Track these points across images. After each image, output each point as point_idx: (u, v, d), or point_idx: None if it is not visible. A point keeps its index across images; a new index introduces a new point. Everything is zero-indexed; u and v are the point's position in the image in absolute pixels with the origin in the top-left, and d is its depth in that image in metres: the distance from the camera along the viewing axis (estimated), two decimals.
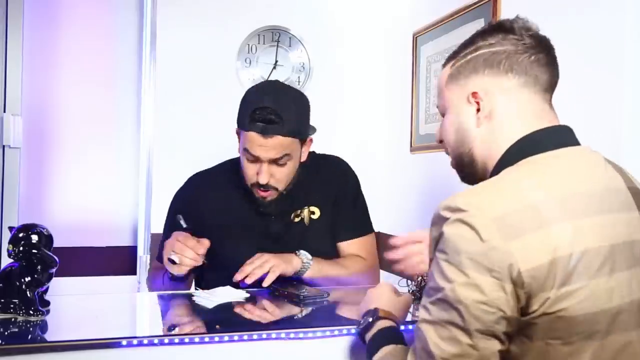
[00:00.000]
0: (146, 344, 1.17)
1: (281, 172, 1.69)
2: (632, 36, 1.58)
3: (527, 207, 0.89)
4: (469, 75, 1.06)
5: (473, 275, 0.86)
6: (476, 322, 0.87)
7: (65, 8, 2.74)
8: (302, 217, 1.81)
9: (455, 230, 0.89)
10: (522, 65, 1.03)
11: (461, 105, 1.08)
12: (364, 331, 1.16)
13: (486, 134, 1.05)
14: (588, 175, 0.98)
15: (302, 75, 2.98)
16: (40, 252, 1.30)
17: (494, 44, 1.05)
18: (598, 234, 0.91)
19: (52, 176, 2.71)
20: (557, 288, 0.86)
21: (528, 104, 1.04)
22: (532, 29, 1.07)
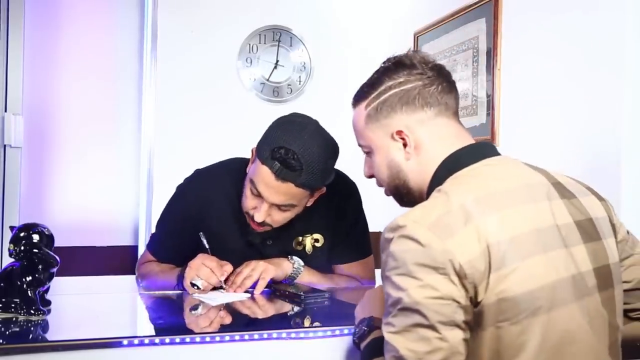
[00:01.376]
0: (147, 343, 1.17)
1: (280, 215, 1.61)
2: (633, 36, 1.58)
3: (454, 209, 0.98)
4: (388, 115, 1.14)
5: (423, 276, 0.94)
6: (437, 315, 0.93)
7: (66, 8, 2.74)
8: (304, 244, 1.74)
9: (399, 246, 0.97)
10: (433, 97, 1.13)
11: (387, 143, 1.16)
12: (359, 339, 1.16)
13: (416, 164, 1.14)
14: (508, 175, 1.07)
15: (303, 75, 2.98)
16: (41, 252, 1.30)
17: (402, 82, 1.14)
18: (523, 221, 0.99)
19: (53, 176, 2.71)
20: (494, 272, 0.94)
21: (446, 129, 1.14)
22: (430, 61, 1.16)
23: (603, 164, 1.61)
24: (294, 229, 1.71)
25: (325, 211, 1.74)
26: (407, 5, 2.89)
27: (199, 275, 1.55)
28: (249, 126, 2.85)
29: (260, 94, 2.91)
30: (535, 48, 1.94)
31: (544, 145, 1.85)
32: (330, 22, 3.03)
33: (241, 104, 2.87)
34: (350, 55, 3.05)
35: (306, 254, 1.75)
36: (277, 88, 2.94)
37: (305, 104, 2.98)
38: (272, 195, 1.55)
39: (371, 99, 1.18)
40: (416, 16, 2.75)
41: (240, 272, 1.60)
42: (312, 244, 1.76)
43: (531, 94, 1.95)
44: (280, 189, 1.54)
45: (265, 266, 1.61)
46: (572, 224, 1.04)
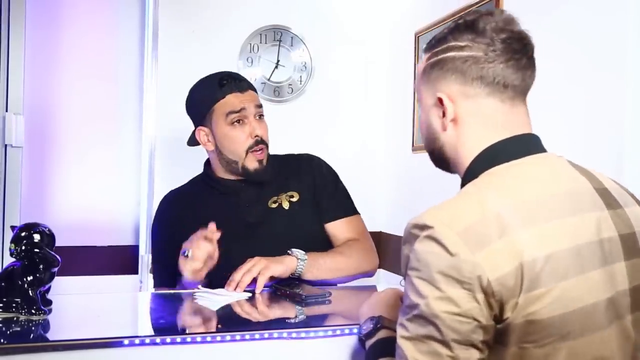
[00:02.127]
0: (148, 343, 1.17)
1: (264, 125, 1.79)
2: (634, 36, 1.58)
3: (489, 217, 0.90)
4: (437, 78, 1.05)
5: (445, 288, 0.88)
6: (453, 333, 0.88)
7: (67, 7, 2.74)
8: (280, 202, 1.81)
9: (424, 247, 0.90)
10: (489, 73, 1.01)
11: (430, 105, 1.08)
12: (365, 337, 1.15)
13: (453, 138, 1.05)
14: (550, 180, 0.99)
15: (304, 74, 2.98)
16: (42, 251, 1.30)
17: (463, 47, 1.03)
18: (562, 237, 0.92)
19: (54, 175, 2.71)
20: (525, 293, 0.87)
21: (493, 113, 1.03)
22: (506, 30, 1.02)
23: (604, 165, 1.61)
24: (268, 192, 1.81)
25: (294, 174, 1.86)
26: (408, 5, 2.89)
27: (192, 244, 1.59)
28: None
29: (261, 93, 2.90)
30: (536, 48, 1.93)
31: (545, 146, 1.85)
32: (331, 22, 3.03)
33: None
34: (351, 55, 3.05)
35: (284, 209, 1.80)
36: (277, 88, 2.94)
37: (306, 104, 2.98)
38: (250, 105, 1.76)
39: (432, 54, 1.07)
40: (417, 16, 2.75)
41: (240, 269, 1.60)
42: (288, 200, 1.81)
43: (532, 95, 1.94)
44: (250, 96, 1.79)
45: (265, 263, 1.60)
46: (616, 238, 0.97)
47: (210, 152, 1.84)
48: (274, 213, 1.79)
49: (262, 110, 1.80)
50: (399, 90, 2.90)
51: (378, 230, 3.01)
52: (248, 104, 1.76)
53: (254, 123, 1.77)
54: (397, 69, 2.94)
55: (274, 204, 1.81)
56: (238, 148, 1.76)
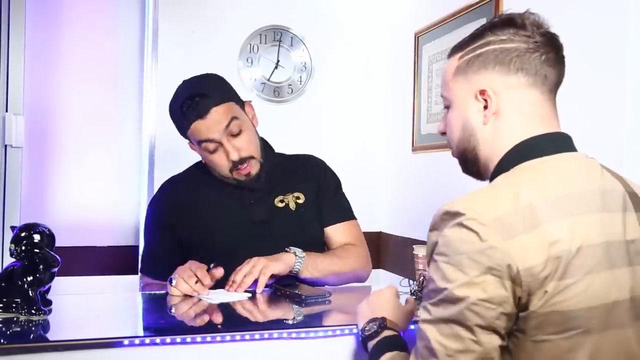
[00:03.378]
0: (148, 343, 1.17)
1: (244, 140, 1.70)
2: (634, 37, 1.58)
3: (522, 208, 0.91)
4: (478, 71, 1.05)
5: (473, 274, 0.89)
6: (477, 318, 0.89)
7: (67, 8, 2.74)
8: (287, 202, 1.79)
9: (455, 234, 0.91)
10: (532, 64, 1.02)
11: (468, 101, 1.07)
12: (368, 338, 1.15)
13: (491, 133, 1.05)
14: (583, 177, 1.00)
15: (304, 74, 2.98)
16: (42, 252, 1.30)
17: (505, 40, 1.03)
18: (593, 231, 0.93)
19: (54, 175, 2.71)
20: (554, 281, 0.88)
21: (534, 106, 1.04)
22: (543, 26, 1.05)
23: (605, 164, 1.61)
24: (274, 190, 1.79)
25: (302, 177, 1.84)
26: (408, 5, 2.89)
27: (180, 274, 1.54)
28: None
29: (261, 94, 2.91)
30: None
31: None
32: (331, 22, 3.03)
33: None
34: (351, 55, 3.05)
35: (291, 210, 1.79)
36: (277, 88, 2.94)
37: (306, 104, 2.98)
38: (215, 128, 1.66)
39: (467, 51, 1.07)
40: (417, 16, 2.75)
41: (240, 270, 1.60)
42: (295, 201, 1.80)
43: None
44: (213, 119, 1.66)
45: (265, 262, 1.61)
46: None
47: None
48: (281, 212, 1.78)
49: (236, 125, 1.68)
50: (399, 91, 2.90)
51: (378, 231, 3.01)
52: (214, 130, 1.66)
53: (228, 146, 1.67)
54: (397, 69, 2.94)
55: (281, 203, 1.79)
56: (222, 170, 1.72)
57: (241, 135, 1.69)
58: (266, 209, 1.77)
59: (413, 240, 2.48)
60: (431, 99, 2.60)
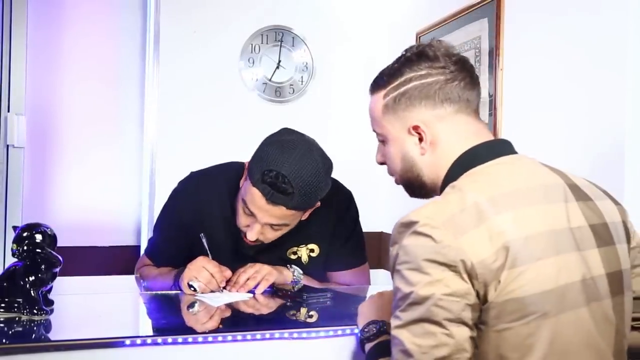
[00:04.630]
0: (149, 343, 1.17)
1: (273, 234, 1.62)
2: (635, 36, 1.58)
3: (469, 207, 0.97)
4: (407, 108, 1.11)
5: (434, 272, 0.93)
6: (445, 312, 0.93)
7: (69, 8, 2.74)
8: (300, 255, 1.74)
9: (411, 241, 0.96)
10: (454, 93, 1.10)
11: (403, 137, 1.13)
12: (366, 340, 1.16)
13: (431, 160, 1.12)
14: (525, 175, 1.06)
15: (305, 75, 2.98)
16: (44, 252, 1.30)
17: (424, 75, 1.11)
18: (538, 221, 0.98)
19: (55, 176, 2.72)
20: (506, 270, 0.93)
21: (465, 126, 1.11)
22: (454, 54, 1.12)
23: (606, 164, 1.61)
24: (288, 241, 1.70)
25: (321, 223, 1.72)
26: (409, 5, 2.89)
27: (198, 278, 1.54)
28: (251, 126, 2.86)
29: (262, 94, 2.91)
30: (538, 48, 1.94)
31: (546, 146, 1.85)
32: (332, 22, 3.03)
33: (243, 104, 2.87)
34: (352, 55, 3.05)
35: (302, 264, 1.75)
36: (279, 88, 2.94)
37: (307, 104, 2.98)
38: (264, 217, 1.56)
39: (390, 89, 1.14)
40: (418, 16, 2.75)
41: (244, 272, 1.61)
42: (308, 254, 1.75)
43: (533, 94, 1.95)
44: (272, 211, 1.54)
45: (269, 269, 1.62)
46: (586, 227, 1.03)
47: None
48: (291, 264, 1.73)
49: (281, 228, 1.59)
50: None
51: (379, 231, 3.01)
52: (263, 216, 1.55)
53: (257, 227, 1.58)
54: None
55: (294, 255, 1.74)
56: (236, 220, 1.65)
57: (276, 232, 1.62)
58: (276, 259, 1.71)
59: None
60: None
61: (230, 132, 2.82)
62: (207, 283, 1.55)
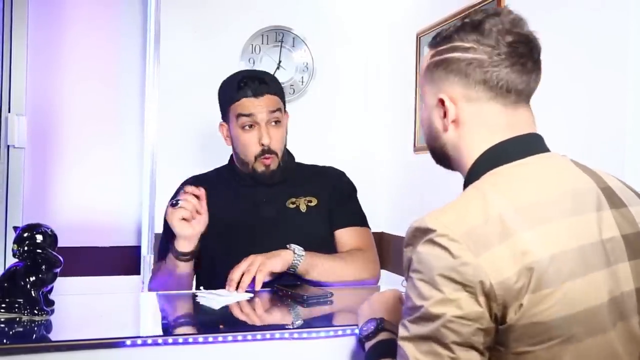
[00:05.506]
0: (150, 343, 1.17)
1: (277, 133, 1.78)
2: (636, 36, 1.58)
3: (492, 220, 0.90)
4: (440, 78, 1.04)
5: (447, 291, 0.88)
6: (454, 335, 0.88)
7: (70, 8, 2.75)
8: (298, 204, 1.82)
9: (427, 250, 0.90)
10: (493, 77, 0.99)
11: (432, 104, 1.06)
12: (365, 339, 1.15)
13: (454, 138, 1.05)
14: (554, 180, 0.98)
15: (306, 75, 2.98)
16: (44, 252, 1.30)
17: (468, 48, 1.00)
18: (566, 237, 0.91)
19: (56, 176, 2.72)
20: (530, 294, 0.87)
21: (496, 117, 1.02)
22: (513, 32, 1.00)
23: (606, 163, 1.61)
24: (287, 192, 1.83)
25: (318, 184, 1.87)
26: (409, 5, 2.89)
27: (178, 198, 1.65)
28: None
29: None
30: None
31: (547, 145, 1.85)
32: (333, 23, 3.03)
33: None
34: (352, 56, 3.05)
35: (301, 212, 1.81)
36: None
37: (308, 105, 2.98)
38: (261, 110, 1.75)
39: (436, 52, 1.05)
40: (419, 16, 2.75)
41: (238, 268, 1.60)
42: (306, 204, 1.83)
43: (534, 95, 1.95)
44: (264, 102, 1.76)
45: (262, 259, 1.61)
46: (618, 238, 0.95)
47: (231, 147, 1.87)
48: (290, 213, 1.80)
49: (277, 116, 1.78)
50: (400, 91, 2.90)
51: (380, 231, 3.01)
52: (260, 110, 1.76)
53: (263, 130, 1.76)
54: (399, 69, 2.94)
55: (292, 204, 1.83)
56: (247, 153, 1.79)
57: (278, 128, 1.79)
58: (276, 208, 1.81)
59: None
60: None
61: None
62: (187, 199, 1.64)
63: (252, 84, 1.76)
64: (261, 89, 1.76)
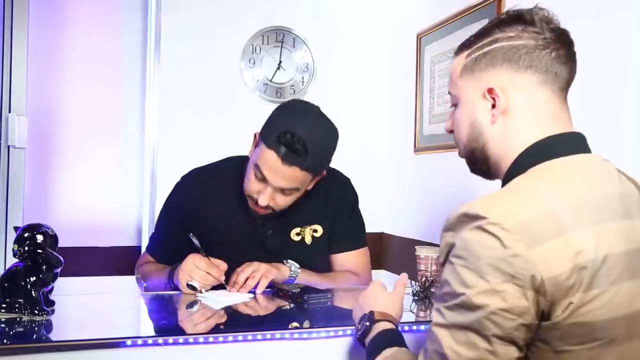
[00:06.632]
0: (150, 344, 1.17)
1: (283, 199, 1.64)
2: (636, 40, 1.58)
3: (546, 214, 0.88)
4: (486, 69, 1.02)
5: (494, 281, 0.85)
6: (495, 328, 0.85)
7: (70, 8, 2.75)
8: (303, 235, 1.77)
9: (475, 237, 0.87)
10: (542, 61, 0.99)
11: (476, 99, 1.04)
12: (362, 336, 1.15)
13: (501, 132, 1.02)
14: (603, 181, 0.97)
15: (306, 75, 2.98)
16: (45, 252, 1.30)
17: (513, 37, 1.00)
18: (616, 240, 0.90)
19: (57, 176, 2.72)
20: (581, 292, 0.85)
21: (545, 104, 1.00)
22: (553, 22, 1.02)
23: None
24: (292, 220, 1.74)
25: (323, 203, 1.78)
26: (410, 6, 2.89)
27: (194, 277, 1.55)
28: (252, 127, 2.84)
29: (263, 94, 2.91)
30: None
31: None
32: (333, 23, 3.03)
33: (244, 105, 2.87)
34: (353, 56, 3.05)
35: (306, 244, 1.77)
36: (280, 89, 2.94)
37: None
38: (277, 179, 1.59)
39: (474, 49, 1.04)
40: (419, 17, 2.75)
41: (243, 271, 1.61)
42: (311, 234, 1.78)
43: None
44: (286, 172, 1.57)
45: (267, 267, 1.62)
46: None
47: None
48: (295, 246, 1.76)
49: (292, 192, 1.63)
50: (401, 92, 2.90)
51: (380, 231, 3.01)
52: (276, 179, 1.59)
53: (268, 191, 1.61)
54: (399, 69, 2.94)
55: (297, 236, 1.77)
56: (248, 190, 1.67)
57: (287, 197, 1.65)
58: (281, 241, 1.75)
59: (415, 241, 2.48)
60: (433, 100, 2.60)
61: (231, 132, 2.82)
62: (204, 280, 1.56)
63: (290, 145, 1.55)
64: (293, 159, 1.56)
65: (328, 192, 1.77)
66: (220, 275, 1.58)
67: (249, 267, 1.62)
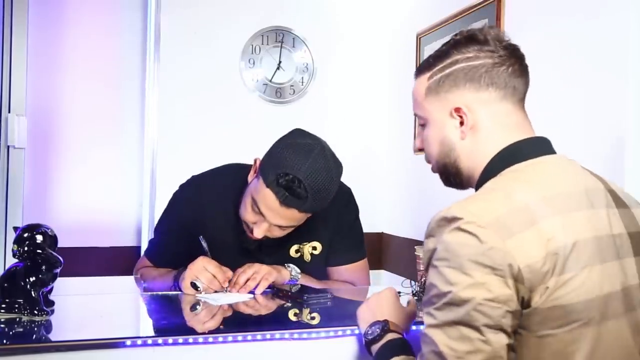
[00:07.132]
0: (150, 344, 1.17)
1: (279, 232, 1.63)
2: (635, 39, 1.58)
3: (517, 209, 0.94)
4: (450, 90, 1.09)
5: (477, 275, 0.90)
6: (484, 318, 0.90)
7: (70, 9, 2.75)
8: (302, 253, 1.76)
9: (454, 238, 0.93)
10: (501, 78, 1.07)
11: (444, 119, 1.10)
12: (371, 342, 1.16)
13: (470, 146, 1.09)
14: (569, 177, 1.04)
15: (306, 75, 2.98)
16: (44, 252, 1.30)
17: (471, 57, 1.08)
18: (585, 227, 0.96)
19: (56, 176, 2.72)
20: (556, 277, 0.91)
21: (508, 116, 1.08)
22: (504, 40, 1.09)
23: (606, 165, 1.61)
24: (291, 238, 1.71)
25: (323, 220, 1.74)
26: (409, 6, 2.89)
27: (200, 278, 1.56)
28: (251, 127, 2.87)
29: (263, 94, 2.92)
30: (538, 50, 1.94)
31: None
32: (333, 23, 3.03)
33: (244, 105, 2.88)
34: (353, 56, 3.05)
35: (305, 262, 1.76)
36: (279, 89, 2.94)
37: (308, 105, 2.98)
38: (275, 218, 1.57)
39: (435, 71, 1.11)
40: (419, 17, 2.76)
41: (244, 272, 1.61)
42: (310, 252, 1.76)
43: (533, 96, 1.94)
44: (285, 213, 1.56)
45: (268, 269, 1.63)
46: (625, 235, 1.02)
47: None
48: (294, 263, 1.74)
49: (288, 230, 1.62)
50: (401, 92, 2.90)
51: (379, 232, 3.01)
52: (274, 218, 1.56)
53: (264, 226, 1.59)
54: (399, 70, 2.94)
55: (296, 253, 1.76)
56: (243, 217, 1.65)
57: (283, 230, 1.63)
58: (279, 257, 1.73)
59: (415, 241, 2.48)
60: None
61: (230, 132, 2.82)
62: (209, 283, 1.57)
63: (290, 189, 1.52)
64: (293, 202, 1.53)
65: (328, 208, 1.69)
66: (225, 281, 1.58)
67: (250, 269, 1.62)
